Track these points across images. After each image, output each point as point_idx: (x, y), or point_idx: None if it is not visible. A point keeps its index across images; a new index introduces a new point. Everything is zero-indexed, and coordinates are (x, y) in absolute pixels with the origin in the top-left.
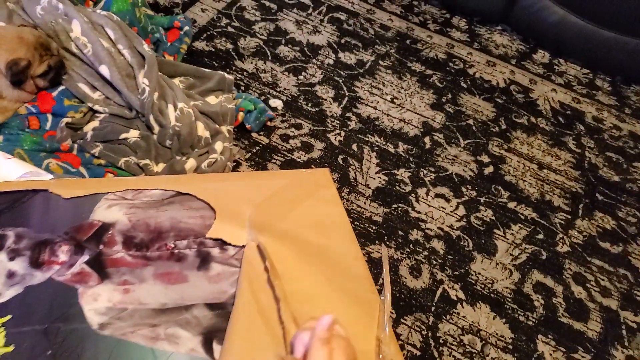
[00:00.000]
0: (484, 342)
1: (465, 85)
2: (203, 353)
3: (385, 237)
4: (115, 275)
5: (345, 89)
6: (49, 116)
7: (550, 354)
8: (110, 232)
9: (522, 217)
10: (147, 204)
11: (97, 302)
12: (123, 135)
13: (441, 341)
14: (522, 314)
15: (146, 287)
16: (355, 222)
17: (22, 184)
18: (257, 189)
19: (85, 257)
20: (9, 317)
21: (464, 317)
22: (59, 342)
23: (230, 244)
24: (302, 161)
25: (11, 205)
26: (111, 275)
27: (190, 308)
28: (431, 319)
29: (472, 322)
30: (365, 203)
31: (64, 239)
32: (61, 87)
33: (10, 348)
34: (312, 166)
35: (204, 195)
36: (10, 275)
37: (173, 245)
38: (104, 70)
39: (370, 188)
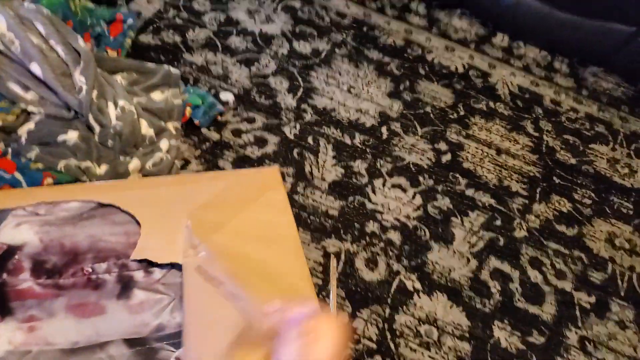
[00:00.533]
0: (440, 331)
1: (423, 72)
2: None
3: (342, 231)
4: (20, 310)
5: (300, 79)
6: None
7: (506, 339)
8: (16, 256)
9: (480, 204)
10: (63, 219)
11: None
12: (61, 137)
13: (397, 333)
14: (478, 301)
15: (56, 323)
16: (311, 217)
17: None
18: (192, 195)
19: None
20: None
21: (420, 307)
22: None
23: (156, 264)
24: (255, 157)
25: None
26: (14, 311)
27: (105, 346)
28: (387, 311)
29: (429, 312)
30: (321, 197)
31: None
32: None
33: None
34: (266, 161)
35: (130, 206)
36: None
37: (90, 270)
38: (35, 68)
39: (326, 181)
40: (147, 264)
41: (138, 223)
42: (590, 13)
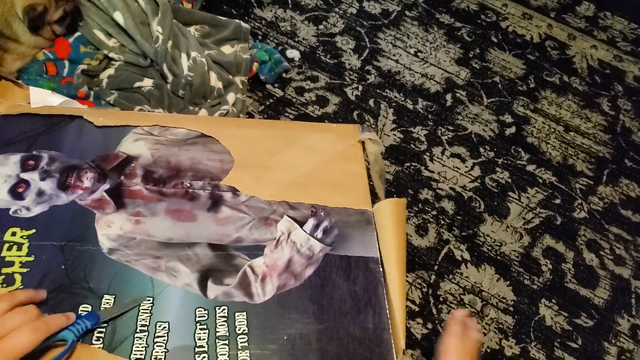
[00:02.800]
0: (484, 302)
1: (495, 40)
2: (197, 289)
3: (394, 195)
4: (130, 206)
5: (367, 40)
6: (66, 62)
7: (552, 318)
8: (132, 164)
9: (540, 180)
10: (171, 141)
11: (110, 228)
12: (137, 84)
13: (441, 299)
14: (527, 277)
15: (156, 221)
16: None
17: (61, 109)
18: (282, 140)
19: (106, 186)
20: (33, 231)
21: (466, 277)
22: (72, 259)
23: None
24: (315, 115)
25: (49, 128)
26: (126, 206)
27: (193, 245)
28: (433, 277)
29: (475, 282)
30: None
31: (90, 166)
32: (77, 34)
33: (31, 258)
34: (326, 121)
35: (227, 141)
36: (40, 193)
37: (189, 185)
38: (118, 16)
39: (383, 145)
40: (235, 189)
41: (232, 155)
42: None
